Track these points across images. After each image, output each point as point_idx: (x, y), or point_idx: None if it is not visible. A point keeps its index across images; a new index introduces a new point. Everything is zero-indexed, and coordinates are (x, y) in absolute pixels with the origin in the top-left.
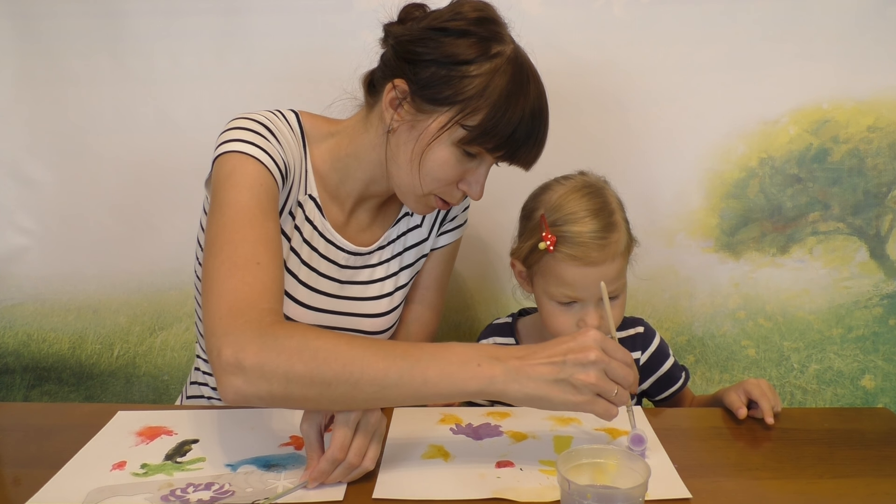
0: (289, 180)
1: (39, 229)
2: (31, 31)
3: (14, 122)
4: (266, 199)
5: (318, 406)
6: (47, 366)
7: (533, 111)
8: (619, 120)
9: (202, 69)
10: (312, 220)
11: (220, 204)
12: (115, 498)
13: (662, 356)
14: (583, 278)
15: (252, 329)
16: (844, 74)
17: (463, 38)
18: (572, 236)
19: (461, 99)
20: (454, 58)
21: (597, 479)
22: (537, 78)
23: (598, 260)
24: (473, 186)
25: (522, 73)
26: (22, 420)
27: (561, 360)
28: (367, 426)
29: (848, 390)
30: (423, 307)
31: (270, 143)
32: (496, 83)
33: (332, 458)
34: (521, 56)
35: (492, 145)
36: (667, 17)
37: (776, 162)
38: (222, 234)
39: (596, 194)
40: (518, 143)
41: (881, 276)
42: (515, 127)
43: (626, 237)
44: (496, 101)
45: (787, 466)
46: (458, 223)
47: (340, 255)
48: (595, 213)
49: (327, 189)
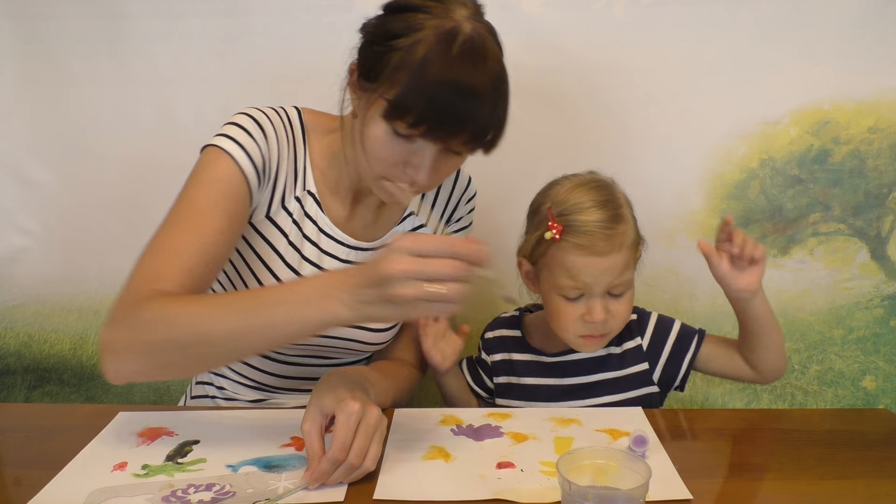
0: (268, 179)
1: (40, 230)
2: (32, 32)
3: (15, 122)
4: (223, 198)
5: (190, 369)
6: (48, 367)
7: (456, 85)
8: (620, 121)
9: (203, 70)
10: (311, 216)
11: (180, 195)
12: (116, 499)
13: (664, 331)
14: (588, 268)
15: (123, 310)
16: (845, 75)
17: (398, 14)
18: (579, 225)
19: (386, 72)
20: (387, 34)
21: (597, 480)
22: (480, 56)
23: (605, 250)
24: (419, 171)
25: (451, 45)
26: (23, 421)
27: (377, 278)
28: (368, 427)
29: (849, 391)
30: None
31: (255, 142)
32: (417, 53)
33: (333, 458)
34: (464, 32)
35: (411, 119)
36: (667, 17)
37: (777, 163)
38: (165, 224)
39: (603, 188)
40: (437, 118)
41: (882, 277)
42: (430, 99)
43: (634, 232)
44: (412, 71)
45: (788, 467)
46: (463, 224)
47: (341, 250)
48: (602, 205)
49: (328, 184)
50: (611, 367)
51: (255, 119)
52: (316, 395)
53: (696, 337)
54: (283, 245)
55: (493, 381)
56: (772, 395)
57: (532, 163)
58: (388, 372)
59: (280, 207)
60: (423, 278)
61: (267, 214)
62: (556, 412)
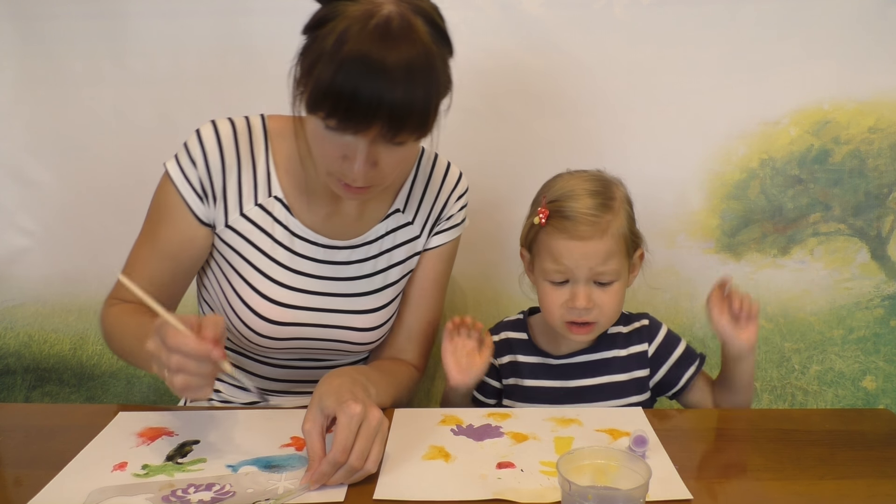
0: (212, 196)
1: (40, 230)
2: (32, 32)
3: (15, 123)
4: (171, 221)
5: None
6: (48, 367)
7: (363, 65)
8: (620, 121)
9: (203, 70)
10: (282, 221)
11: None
12: (116, 498)
13: (671, 345)
14: (570, 252)
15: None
16: (845, 75)
17: (325, 5)
18: (565, 210)
19: (307, 64)
20: (311, 25)
21: (598, 480)
22: (394, 37)
23: (586, 234)
24: (353, 164)
25: (363, 29)
26: (23, 421)
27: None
28: (370, 428)
29: (849, 391)
30: (424, 308)
31: (193, 165)
32: (329, 41)
33: (334, 460)
34: (380, 14)
35: (326, 110)
36: (667, 17)
37: (777, 163)
38: (137, 239)
39: (597, 180)
40: (347, 107)
41: (882, 277)
42: (339, 86)
43: (624, 225)
44: (324, 60)
45: (788, 467)
46: (454, 222)
47: (319, 251)
48: (590, 193)
49: (300, 186)
50: (615, 369)
51: (200, 139)
52: (317, 396)
53: (698, 360)
54: (250, 251)
55: (503, 383)
56: (772, 395)
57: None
58: (389, 371)
59: (239, 216)
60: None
61: (226, 224)
62: (556, 412)
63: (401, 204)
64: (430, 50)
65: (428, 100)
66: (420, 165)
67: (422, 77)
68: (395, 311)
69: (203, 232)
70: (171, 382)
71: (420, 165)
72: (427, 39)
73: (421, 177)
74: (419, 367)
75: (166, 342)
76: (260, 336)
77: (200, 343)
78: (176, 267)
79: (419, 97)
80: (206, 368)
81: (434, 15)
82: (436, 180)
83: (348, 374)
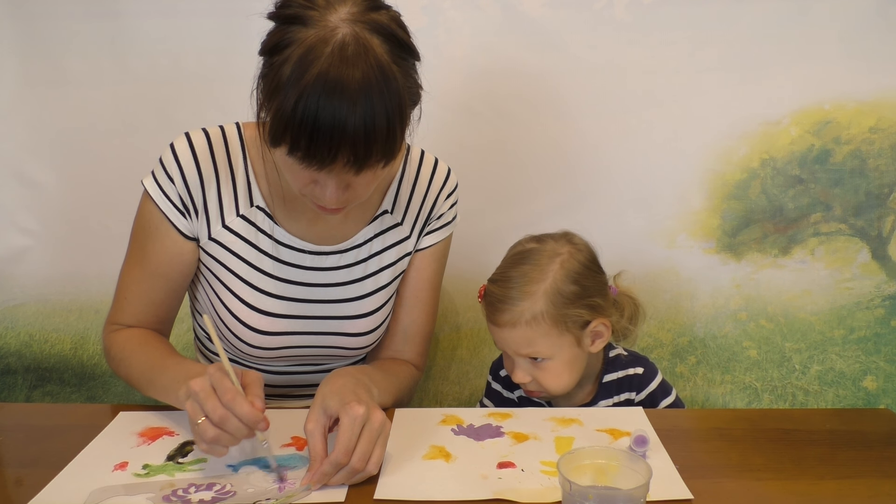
0: (193, 210)
1: (41, 230)
2: (32, 32)
3: (16, 122)
4: (157, 238)
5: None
6: (49, 366)
7: (313, 94)
8: (621, 121)
9: (203, 70)
10: (266, 231)
11: (131, 231)
12: (116, 498)
13: (658, 396)
14: (493, 334)
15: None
16: (846, 75)
17: (277, 27)
18: (487, 294)
19: (264, 93)
20: (265, 49)
21: (598, 480)
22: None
23: (500, 322)
24: (325, 191)
25: (306, 57)
26: (24, 421)
27: (186, 388)
28: (372, 431)
29: (850, 391)
30: (418, 309)
31: (171, 181)
32: (283, 70)
33: (336, 461)
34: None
35: (286, 148)
36: (668, 18)
37: (778, 163)
38: (125, 259)
39: (524, 260)
40: (307, 145)
41: (883, 277)
42: (295, 125)
43: (549, 309)
44: (278, 96)
45: (789, 467)
46: (445, 221)
47: (306, 258)
48: (507, 279)
49: (281, 193)
50: None
51: (174, 153)
52: (320, 396)
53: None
54: (235, 263)
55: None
56: (773, 395)
57: (532, 163)
58: (391, 371)
59: (221, 228)
60: (199, 407)
61: (210, 237)
62: (556, 412)
63: (388, 205)
64: (387, 70)
65: (391, 122)
66: (406, 165)
67: (380, 99)
68: (388, 314)
69: (189, 247)
70: (201, 430)
71: (406, 165)
72: (385, 59)
73: (408, 177)
74: (419, 367)
75: (222, 396)
76: (253, 347)
77: (254, 411)
78: (168, 284)
79: (381, 121)
80: (242, 433)
81: (393, 27)
82: (423, 180)
83: (351, 375)
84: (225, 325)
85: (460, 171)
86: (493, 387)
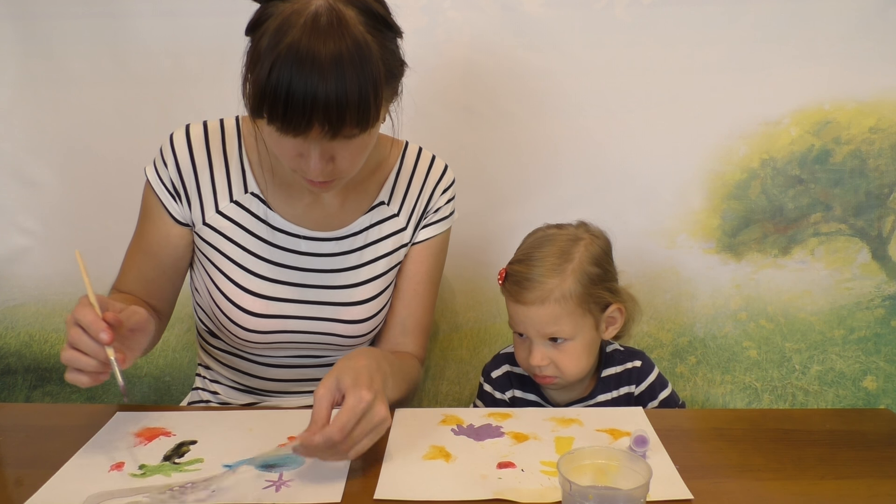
0: (185, 196)
1: (41, 230)
2: (32, 32)
3: (16, 122)
4: (155, 221)
5: None
6: (49, 366)
7: (286, 60)
8: (621, 121)
9: (203, 70)
10: (261, 216)
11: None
12: (113, 500)
13: (656, 389)
14: (517, 314)
15: None
16: (846, 75)
17: (261, 4)
18: (514, 275)
19: (246, 68)
20: (249, 26)
21: (598, 480)
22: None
23: (528, 300)
24: (310, 162)
25: (281, 27)
26: (24, 421)
27: None
28: (371, 422)
29: (850, 391)
30: (416, 302)
31: (166, 167)
32: (261, 43)
33: (329, 437)
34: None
35: (265, 118)
36: (668, 18)
37: (778, 163)
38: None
39: (549, 241)
40: (284, 112)
41: (883, 278)
42: (271, 93)
43: (577, 287)
44: (255, 66)
45: (789, 467)
46: (442, 215)
47: (301, 243)
48: (534, 258)
49: (276, 180)
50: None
51: (171, 142)
52: (338, 368)
53: (676, 407)
54: (229, 247)
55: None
56: (773, 395)
57: (532, 163)
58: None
59: (215, 213)
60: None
61: (204, 222)
62: (556, 412)
63: (385, 196)
64: (360, 41)
65: (364, 91)
66: (404, 158)
67: (353, 70)
68: (385, 304)
69: (178, 231)
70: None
71: (404, 158)
72: (359, 30)
73: (405, 169)
74: (420, 359)
75: (73, 313)
76: (246, 331)
77: (97, 319)
78: (159, 265)
79: (353, 90)
80: (90, 348)
81: (370, 1)
82: (420, 173)
83: (374, 359)
84: (220, 309)
85: (460, 171)
86: (485, 388)
